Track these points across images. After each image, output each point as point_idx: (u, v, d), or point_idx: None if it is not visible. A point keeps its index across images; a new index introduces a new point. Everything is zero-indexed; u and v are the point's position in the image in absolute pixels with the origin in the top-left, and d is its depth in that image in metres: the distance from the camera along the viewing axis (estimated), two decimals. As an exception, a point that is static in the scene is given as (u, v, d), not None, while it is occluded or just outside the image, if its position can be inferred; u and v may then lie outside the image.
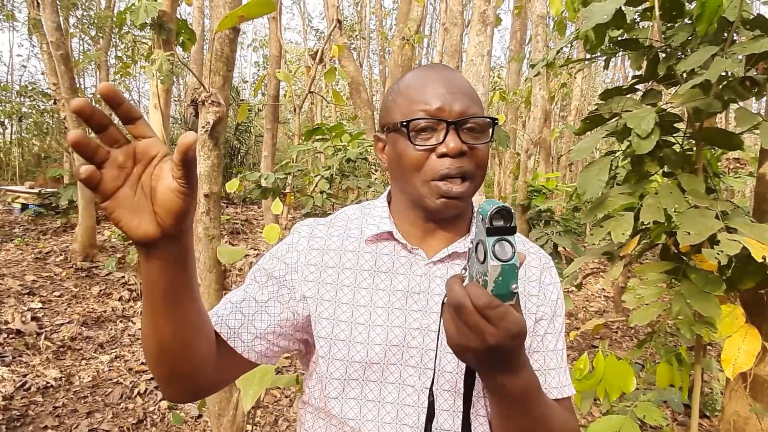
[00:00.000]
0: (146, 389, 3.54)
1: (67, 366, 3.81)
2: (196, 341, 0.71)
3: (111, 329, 4.55)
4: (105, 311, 4.88)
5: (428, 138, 0.78)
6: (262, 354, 0.84)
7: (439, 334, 0.76)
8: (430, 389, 0.75)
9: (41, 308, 4.72)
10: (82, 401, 3.36)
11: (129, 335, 4.48)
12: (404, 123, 0.78)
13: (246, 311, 0.83)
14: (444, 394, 0.79)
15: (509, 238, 0.59)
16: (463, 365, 0.78)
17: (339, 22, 4.80)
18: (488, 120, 0.81)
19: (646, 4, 1.72)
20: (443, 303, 0.65)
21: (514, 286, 0.59)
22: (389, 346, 0.79)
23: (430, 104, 0.78)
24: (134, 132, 0.59)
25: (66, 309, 4.82)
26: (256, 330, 0.82)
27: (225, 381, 0.84)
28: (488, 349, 0.59)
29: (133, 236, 0.58)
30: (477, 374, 0.69)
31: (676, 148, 1.75)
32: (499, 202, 0.59)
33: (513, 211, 0.60)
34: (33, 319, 4.45)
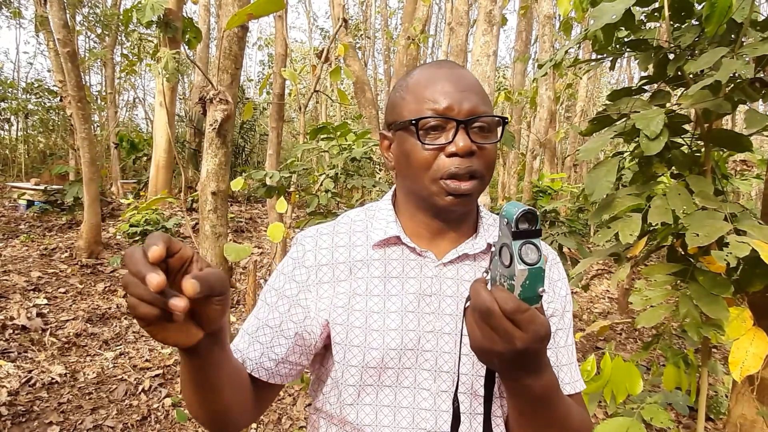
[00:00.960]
0: (150, 386, 3.55)
1: (72, 362, 3.83)
2: (231, 399, 0.75)
3: (116, 326, 4.57)
4: (110, 308, 4.89)
5: (437, 137, 0.77)
6: (287, 375, 0.84)
7: (461, 338, 0.76)
8: (455, 394, 0.75)
9: (46, 304, 4.74)
10: (87, 397, 3.37)
11: (134, 332, 4.50)
12: (413, 122, 0.77)
13: (263, 339, 0.83)
14: (460, 396, 0.78)
15: (535, 241, 0.58)
16: (479, 367, 0.78)
17: (344, 21, 4.80)
18: (497, 119, 0.80)
19: (656, 5, 1.71)
20: (465, 307, 0.64)
21: (540, 289, 0.58)
22: (404, 350, 0.79)
23: (439, 102, 0.77)
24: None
25: (71, 305, 4.84)
26: (277, 356, 0.82)
27: (263, 409, 0.85)
28: (516, 353, 0.59)
29: (179, 347, 0.61)
30: (498, 376, 0.69)
31: (684, 149, 1.74)
32: (523, 205, 0.59)
33: (538, 214, 0.59)
34: (38, 315, 4.46)
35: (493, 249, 0.63)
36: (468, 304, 0.63)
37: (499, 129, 0.81)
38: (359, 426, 0.79)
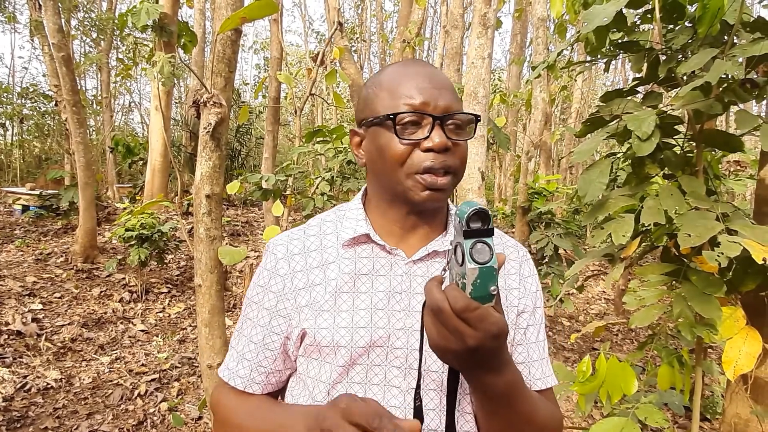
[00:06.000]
0: (146, 391, 3.53)
1: (68, 367, 3.81)
2: None
3: (111, 331, 4.55)
4: (105, 313, 4.88)
5: (413, 132, 0.78)
6: (280, 382, 0.87)
7: (422, 334, 0.76)
8: (416, 391, 0.75)
9: (42, 309, 4.72)
10: (83, 402, 3.35)
11: (129, 337, 4.48)
12: (390, 116, 0.77)
13: (249, 356, 0.85)
14: (430, 393, 0.79)
15: (487, 240, 0.59)
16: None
17: (340, 24, 4.81)
18: (471, 116, 0.81)
19: (647, 7, 1.72)
20: (424, 305, 0.65)
21: (492, 288, 0.59)
22: (373, 347, 0.79)
23: (414, 98, 0.78)
24: None
25: (66, 310, 4.82)
26: (265, 369, 0.85)
27: None
28: (469, 350, 0.60)
29: None
30: (461, 374, 0.70)
31: (677, 150, 1.75)
32: (476, 203, 0.59)
33: (490, 213, 0.60)
34: (33, 320, 4.44)
35: (449, 248, 0.64)
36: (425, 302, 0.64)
37: (472, 126, 0.82)
38: None
